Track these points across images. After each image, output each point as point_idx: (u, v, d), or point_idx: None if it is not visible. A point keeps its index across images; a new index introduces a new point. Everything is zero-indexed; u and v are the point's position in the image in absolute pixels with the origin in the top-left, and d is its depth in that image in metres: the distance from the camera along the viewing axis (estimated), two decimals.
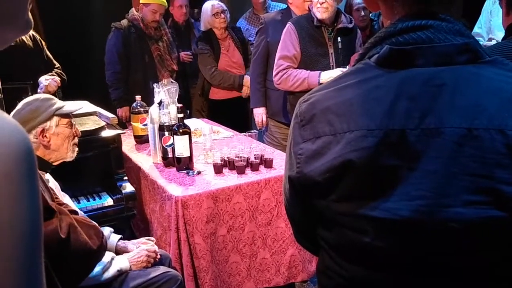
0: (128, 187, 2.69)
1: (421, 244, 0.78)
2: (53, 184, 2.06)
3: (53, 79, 3.32)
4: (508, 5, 1.67)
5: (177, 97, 2.81)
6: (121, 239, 2.22)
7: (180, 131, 2.50)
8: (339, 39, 3.04)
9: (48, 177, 2.05)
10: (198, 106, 4.25)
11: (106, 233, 2.08)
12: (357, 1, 3.98)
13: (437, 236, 0.76)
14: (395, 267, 0.82)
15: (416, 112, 0.76)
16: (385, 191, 0.77)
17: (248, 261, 2.41)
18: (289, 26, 3.06)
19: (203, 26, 4.13)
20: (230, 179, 2.43)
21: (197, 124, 3.45)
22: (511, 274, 0.78)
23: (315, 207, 0.88)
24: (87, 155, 2.53)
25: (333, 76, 2.78)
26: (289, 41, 3.04)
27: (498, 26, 3.05)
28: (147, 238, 2.28)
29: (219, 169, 2.51)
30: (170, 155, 2.64)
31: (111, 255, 2.00)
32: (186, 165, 2.55)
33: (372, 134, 0.77)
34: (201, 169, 2.56)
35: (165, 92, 2.74)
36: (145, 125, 2.98)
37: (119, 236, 2.23)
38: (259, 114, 3.52)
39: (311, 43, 3.02)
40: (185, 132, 2.50)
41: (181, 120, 2.52)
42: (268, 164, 2.55)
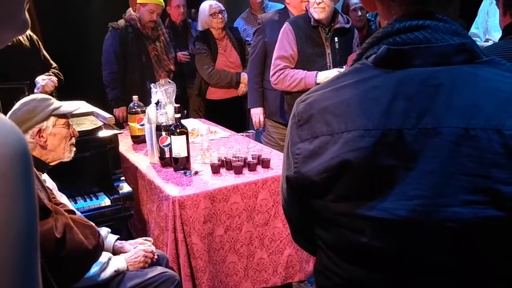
0: (125, 187, 2.68)
1: (419, 243, 0.78)
2: (50, 184, 2.06)
3: (50, 79, 3.32)
4: (505, 5, 1.68)
5: (174, 97, 2.80)
6: (118, 239, 2.21)
7: (177, 131, 2.49)
8: (336, 39, 3.05)
9: (45, 177, 2.04)
10: (195, 106, 4.25)
11: (103, 233, 2.08)
12: (354, 1, 3.98)
13: (434, 235, 0.77)
14: (392, 267, 0.82)
15: (413, 112, 0.76)
16: (383, 191, 0.78)
17: (245, 261, 2.41)
18: (286, 26, 3.06)
19: (200, 26, 4.13)
20: (227, 179, 2.43)
21: (194, 124, 3.44)
22: (509, 273, 0.78)
23: (313, 207, 0.88)
24: (84, 155, 2.52)
25: (330, 76, 2.78)
26: (286, 41, 3.04)
27: (495, 26, 3.06)
28: (144, 238, 2.28)
29: (216, 169, 2.51)
30: (167, 155, 2.64)
31: (108, 255, 2.00)
32: (183, 165, 2.55)
33: (369, 134, 0.77)
34: (198, 169, 2.56)
35: (162, 92, 2.74)
36: (142, 125, 2.98)
37: (116, 236, 2.22)
38: (257, 114, 3.52)
39: (308, 43, 3.03)
40: (182, 132, 2.50)
41: (178, 120, 2.52)
42: (265, 164, 2.55)
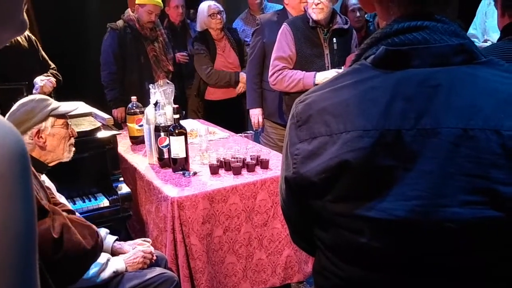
0: (124, 188, 2.68)
1: (417, 244, 0.78)
2: (49, 185, 2.05)
3: (49, 80, 3.32)
4: (503, 6, 1.68)
5: (173, 98, 2.81)
6: (117, 240, 2.21)
7: (176, 132, 2.49)
8: (334, 40, 3.05)
9: (43, 178, 2.04)
10: (194, 106, 4.25)
11: (102, 234, 2.08)
12: (352, 2, 3.98)
13: (433, 236, 0.77)
14: (391, 268, 0.82)
15: (412, 112, 0.77)
16: (381, 192, 0.78)
17: (244, 262, 2.41)
18: (285, 27, 3.06)
19: (199, 26, 4.13)
20: (226, 180, 2.43)
21: (193, 125, 3.44)
22: (507, 274, 0.78)
23: (311, 207, 0.88)
24: (83, 156, 2.52)
25: (328, 77, 2.78)
26: (284, 42, 3.04)
27: (493, 27, 3.06)
28: (143, 239, 2.28)
29: (215, 170, 2.51)
30: (166, 156, 2.63)
31: (107, 256, 2.00)
32: (182, 166, 2.55)
33: (368, 134, 0.77)
34: (197, 170, 2.56)
35: (160, 93, 2.74)
36: (141, 126, 2.98)
37: (115, 237, 2.22)
38: (255, 115, 3.53)
39: (306, 44, 3.03)
40: (181, 133, 2.50)
41: (177, 121, 2.51)
42: (264, 165, 2.55)
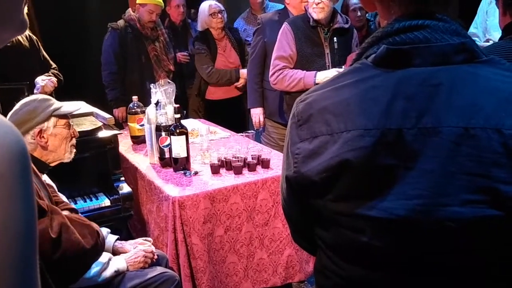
0: (125, 187, 2.68)
1: (418, 243, 0.78)
2: (50, 183, 2.05)
3: (50, 80, 3.32)
4: (504, 5, 1.67)
5: (173, 97, 2.81)
6: (118, 239, 2.21)
7: (177, 132, 2.49)
8: (335, 39, 3.05)
9: (44, 178, 2.04)
10: (194, 106, 4.24)
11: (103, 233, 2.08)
12: (353, 1, 3.98)
13: (433, 235, 0.77)
14: (392, 267, 0.82)
15: (413, 111, 0.76)
16: (382, 191, 0.77)
17: (245, 262, 2.41)
18: (285, 26, 3.06)
19: (200, 26, 4.12)
20: (227, 180, 2.43)
21: (194, 124, 3.44)
22: (507, 273, 0.78)
23: (312, 206, 0.88)
24: (84, 156, 2.52)
25: (328, 76, 2.78)
26: (285, 41, 3.04)
27: (494, 26, 3.05)
28: (144, 238, 2.28)
29: (216, 169, 2.51)
30: (167, 155, 2.63)
31: (108, 255, 2.00)
32: (183, 165, 2.55)
33: (369, 133, 0.77)
34: (198, 170, 2.56)
35: (161, 92, 2.74)
36: (142, 125, 2.98)
37: (116, 236, 2.22)
38: (257, 114, 3.52)
39: (307, 43, 3.03)
40: (182, 132, 2.50)
41: (178, 120, 2.52)
42: (265, 164, 2.55)
